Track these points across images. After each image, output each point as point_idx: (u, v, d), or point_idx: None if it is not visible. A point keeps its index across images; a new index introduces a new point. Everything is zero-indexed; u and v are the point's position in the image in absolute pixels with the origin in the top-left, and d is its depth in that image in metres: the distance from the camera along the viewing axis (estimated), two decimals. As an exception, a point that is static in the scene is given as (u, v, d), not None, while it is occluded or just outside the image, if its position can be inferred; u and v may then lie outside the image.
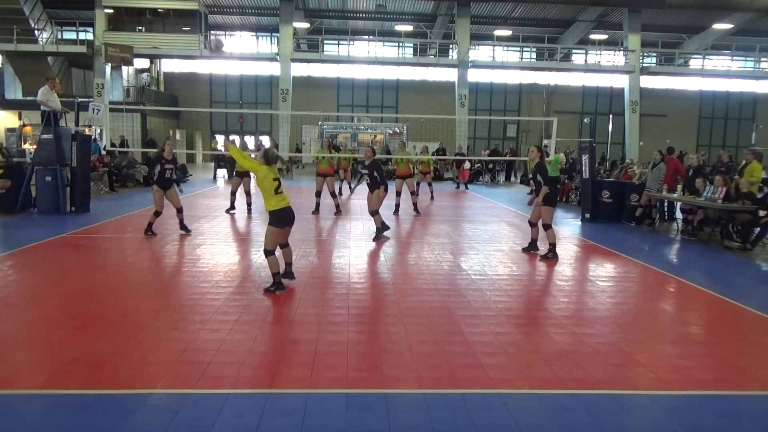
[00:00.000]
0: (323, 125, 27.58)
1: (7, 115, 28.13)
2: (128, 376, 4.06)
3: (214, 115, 34.15)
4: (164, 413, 3.57)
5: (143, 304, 5.89)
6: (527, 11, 31.75)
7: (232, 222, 11.40)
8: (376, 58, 29.71)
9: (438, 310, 5.87)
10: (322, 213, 12.41)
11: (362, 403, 3.75)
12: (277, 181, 6.21)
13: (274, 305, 5.89)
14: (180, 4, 28.04)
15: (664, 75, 33.07)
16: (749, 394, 4.14)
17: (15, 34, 25.31)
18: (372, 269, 7.48)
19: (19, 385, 3.92)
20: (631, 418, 3.71)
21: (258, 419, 3.50)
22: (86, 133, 15.11)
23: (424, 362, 4.46)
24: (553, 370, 4.35)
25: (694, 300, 6.78)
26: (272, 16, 31.41)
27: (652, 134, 32.26)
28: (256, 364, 4.37)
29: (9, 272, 6.99)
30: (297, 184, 20.17)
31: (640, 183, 12.89)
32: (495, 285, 6.90)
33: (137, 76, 32.02)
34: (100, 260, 7.86)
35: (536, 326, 5.44)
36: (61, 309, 5.60)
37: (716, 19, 30.77)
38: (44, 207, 11.62)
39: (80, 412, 3.56)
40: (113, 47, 25.59)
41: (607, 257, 8.91)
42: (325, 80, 34.42)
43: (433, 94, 33.65)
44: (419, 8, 31.82)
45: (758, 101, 36.47)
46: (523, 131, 36.24)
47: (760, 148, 13.36)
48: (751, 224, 9.66)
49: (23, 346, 4.72)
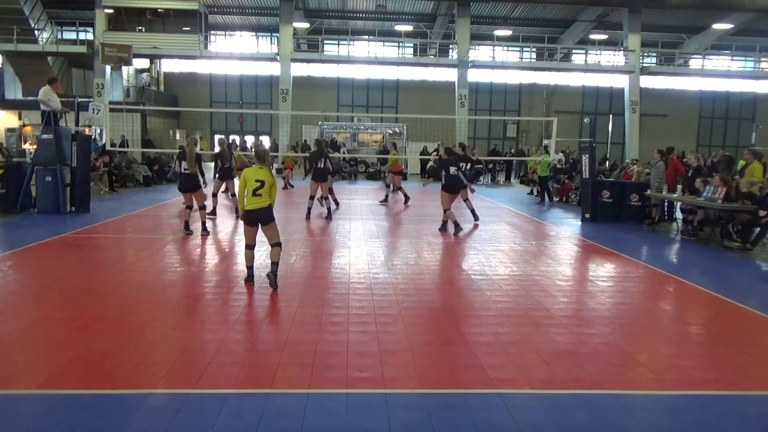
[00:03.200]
0: (323, 125, 27.57)
1: (7, 115, 28.12)
2: (128, 376, 4.06)
3: (214, 115, 34.13)
4: (164, 413, 3.57)
5: (143, 304, 5.89)
6: (527, 11, 31.75)
7: (231, 222, 11.39)
8: (376, 58, 29.70)
9: (438, 310, 5.87)
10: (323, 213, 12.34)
11: (362, 403, 3.75)
12: (258, 182, 6.17)
13: (274, 305, 5.89)
14: (180, 4, 28.04)
15: (664, 75, 33.05)
16: (749, 394, 4.14)
17: (15, 34, 25.30)
18: (372, 269, 7.48)
19: (19, 385, 3.92)
20: (631, 418, 3.71)
21: (258, 419, 3.50)
22: (86, 133, 15.13)
23: (424, 362, 4.46)
24: (553, 370, 4.35)
25: (694, 300, 6.79)
26: (272, 16, 31.40)
27: (652, 134, 32.22)
28: (256, 364, 4.37)
29: (9, 272, 6.99)
30: (296, 183, 20.16)
31: (640, 183, 12.90)
32: (495, 285, 6.90)
33: (137, 76, 32.02)
34: (100, 260, 7.86)
35: (536, 326, 5.44)
36: (61, 309, 5.60)
37: (716, 19, 30.76)
38: (44, 207, 11.61)
39: (80, 412, 3.56)
40: (110, 47, 25.58)
41: (607, 257, 8.91)
42: (325, 80, 34.42)
43: (433, 94, 33.62)
44: (419, 8, 31.81)
45: (758, 101, 36.46)
46: (523, 131, 36.22)
47: (760, 148, 13.36)
48: (751, 224, 9.66)
49: (23, 346, 4.72)
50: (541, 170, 16.67)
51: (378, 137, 27.27)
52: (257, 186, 6.15)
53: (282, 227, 10.37)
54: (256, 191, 6.16)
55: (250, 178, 6.17)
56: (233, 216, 11.80)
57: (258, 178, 6.16)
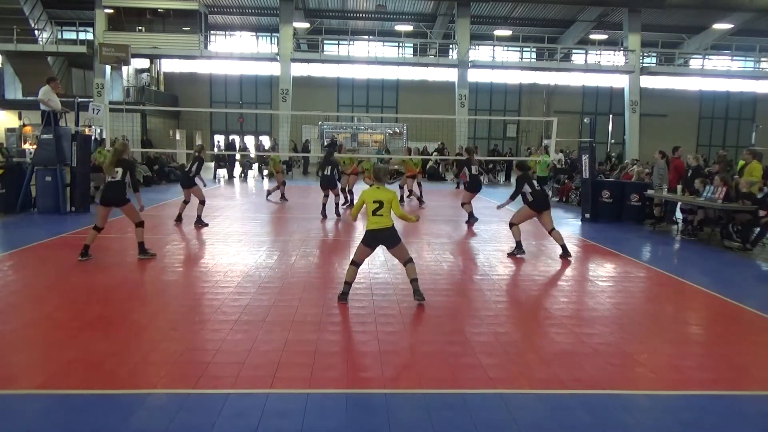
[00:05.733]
0: (323, 125, 27.58)
1: (7, 115, 28.12)
2: (128, 376, 4.06)
3: (214, 115, 34.13)
4: (164, 413, 3.57)
5: (143, 304, 5.89)
6: (527, 11, 31.74)
7: (231, 222, 11.39)
8: (376, 58, 29.70)
9: (438, 310, 5.87)
10: (330, 213, 12.30)
11: (362, 403, 3.75)
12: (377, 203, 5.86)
13: (274, 305, 5.88)
14: (180, 4, 28.04)
15: (664, 75, 33.06)
16: (749, 394, 4.14)
17: (15, 34, 25.30)
18: (372, 269, 7.48)
19: (19, 385, 3.92)
20: (631, 418, 3.71)
21: (258, 419, 3.50)
22: (86, 133, 15.12)
23: (424, 362, 4.46)
24: (553, 370, 4.35)
25: (694, 300, 6.79)
26: (272, 16, 31.40)
27: (652, 134, 32.24)
28: (256, 364, 4.37)
29: (9, 272, 6.99)
30: (295, 183, 20.17)
31: (640, 183, 12.90)
32: (495, 285, 6.89)
33: (137, 76, 32.02)
34: (100, 260, 7.85)
35: (536, 326, 5.44)
36: (61, 309, 5.59)
37: (716, 19, 30.76)
38: (44, 207, 11.62)
39: (80, 412, 3.56)
40: (108, 47, 25.59)
41: (607, 257, 8.91)
42: (325, 80, 34.41)
43: (433, 94, 33.62)
44: (419, 8, 31.81)
45: (758, 101, 36.45)
46: (523, 131, 36.22)
47: (760, 148, 13.36)
48: (751, 224, 9.66)
49: (23, 346, 4.72)
50: (540, 171, 16.67)
51: (378, 137, 27.28)
52: (376, 207, 5.85)
53: (282, 227, 10.41)
54: (375, 212, 5.85)
55: (368, 199, 5.88)
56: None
57: (376, 199, 5.87)
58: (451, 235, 10.58)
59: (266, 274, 7.09)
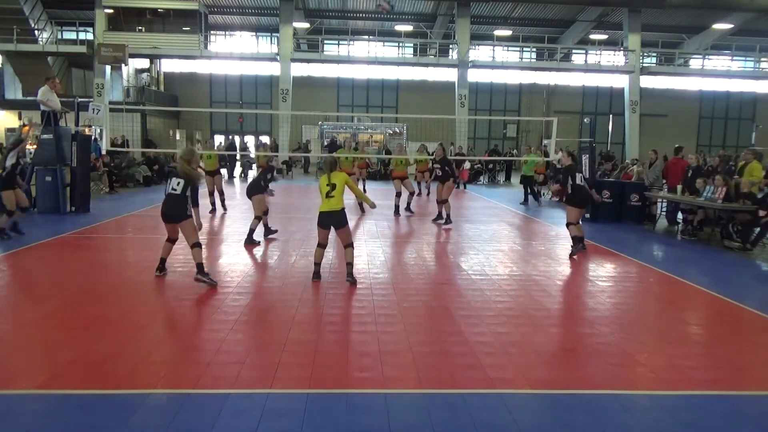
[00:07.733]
0: (323, 125, 27.57)
1: (7, 115, 28.12)
2: (128, 376, 4.06)
3: (214, 115, 34.12)
4: (164, 413, 3.57)
5: (143, 304, 5.89)
6: (527, 11, 31.73)
7: (230, 222, 11.39)
8: (376, 58, 29.69)
9: (438, 310, 5.87)
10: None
11: (362, 403, 3.75)
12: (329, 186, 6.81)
13: (274, 305, 5.88)
14: (180, 4, 28.03)
15: (664, 75, 33.04)
16: (749, 394, 4.14)
17: (15, 34, 25.28)
18: (372, 269, 7.48)
19: (19, 385, 3.92)
20: (631, 418, 3.71)
21: (258, 419, 3.50)
22: (86, 133, 15.12)
23: (424, 362, 4.46)
24: (553, 370, 4.35)
25: (694, 300, 6.79)
26: (272, 16, 31.38)
27: (652, 134, 32.22)
28: (256, 364, 4.37)
29: (9, 272, 6.98)
30: (296, 183, 20.17)
31: (640, 183, 12.88)
32: (495, 285, 6.90)
33: (137, 76, 32.01)
34: (100, 260, 7.85)
35: (536, 326, 5.44)
36: (61, 309, 5.59)
37: (716, 19, 30.76)
38: (44, 207, 11.61)
39: (80, 412, 3.56)
40: (106, 47, 25.59)
41: (607, 257, 8.91)
42: (325, 80, 34.41)
43: (433, 94, 33.61)
44: (419, 8, 31.80)
45: (758, 101, 36.44)
46: (523, 131, 36.21)
47: (760, 148, 13.35)
48: (751, 224, 9.66)
49: (23, 346, 4.72)
50: (526, 170, 16.11)
51: (378, 137, 27.27)
52: (329, 190, 6.69)
53: (282, 227, 10.39)
54: (328, 194, 6.68)
55: (323, 183, 6.75)
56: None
57: (329, 182, 6.71)
58: (451, 235, 10.57)
59: (266, 274, 7.09)
